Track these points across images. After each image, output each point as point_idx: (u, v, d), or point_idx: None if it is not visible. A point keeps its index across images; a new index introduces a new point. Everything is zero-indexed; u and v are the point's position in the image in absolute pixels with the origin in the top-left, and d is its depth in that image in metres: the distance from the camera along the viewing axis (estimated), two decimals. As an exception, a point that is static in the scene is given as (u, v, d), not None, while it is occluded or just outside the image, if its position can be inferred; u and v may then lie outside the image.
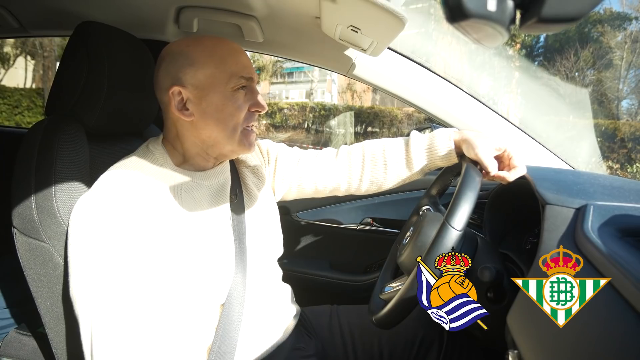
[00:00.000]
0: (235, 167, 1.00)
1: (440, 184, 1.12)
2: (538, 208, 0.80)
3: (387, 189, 1.07)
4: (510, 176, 0.89)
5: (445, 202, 1.03)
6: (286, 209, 1.74)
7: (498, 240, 1.10)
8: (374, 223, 1.71)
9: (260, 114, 0.89)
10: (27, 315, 1.19)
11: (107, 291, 0.68)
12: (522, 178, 0.90)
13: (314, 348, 1.04)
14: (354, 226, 1.72)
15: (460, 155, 0.96)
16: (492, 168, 0.87)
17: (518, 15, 0.34)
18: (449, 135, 0.97)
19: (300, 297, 1.12)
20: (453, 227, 0.73)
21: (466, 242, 0.84)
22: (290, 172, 1.07)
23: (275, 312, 0.97)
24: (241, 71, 0.83)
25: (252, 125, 0.88)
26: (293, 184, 1.08)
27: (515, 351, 0.67)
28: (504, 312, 0.73)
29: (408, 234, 0.98)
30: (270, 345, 0.92)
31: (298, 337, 1.01)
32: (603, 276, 0.56)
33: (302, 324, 1.07)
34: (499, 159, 0.91)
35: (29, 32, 1.56)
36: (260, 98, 0.88)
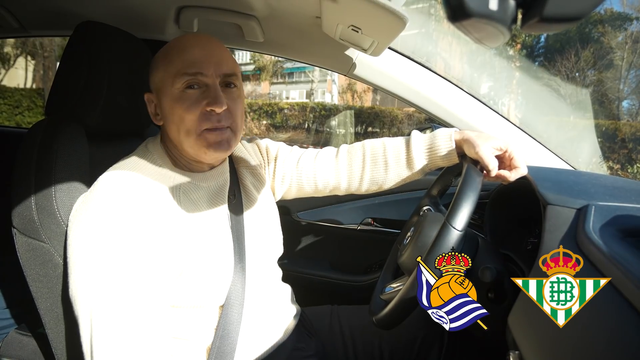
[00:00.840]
0: (234, 168, 0.99)
1: (441, 184, 1.12)
2: (539, 208, 0.80)
3: (387, 189, 1.06)
4: (511, 176, 0.89)
5: (445, 202, 1.03)
6: (286, 209, 1.73)
7: (499, 241, 1.10)
8: (375, 223, 1.71)
9: (217, 113, 0.79)
10: (27, 315, 1.19)
11: (106, 291, 0.68)
12: (523, 178, 0.90)
13: (315, 348, 1.04)
14: (354, 226, 1.71)
15: (461, 155, 0.96)
16: (493, 167, 0.87)
17: (519, 15, 0.34)
18: (450, 134, 0.96)
19: (300, 297, 1.12)
20: (454, 228, 0.73)
21: (467, 243, 0.84)
22: (290, 171, 1.07)
23: (276, 312, 0.97)
24: (185, 68, 0.78)
25: (217, 127, 0.80)
26: (293, 183, 1.08)
27: (517, 352, 0.67)
28: (505, 312, 0.73)
29: (409, 234, 0.98)
30: (271, 345, 0.92)
31: (298, 337, 1.01)
32: (604, 276, 0.56)
33: (303, 324, 1.07)
34: (500, 158, 0.90)
35: (29, 32, 1.56)
36: (216, 94, 0.78)
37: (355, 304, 1.21)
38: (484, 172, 0.88)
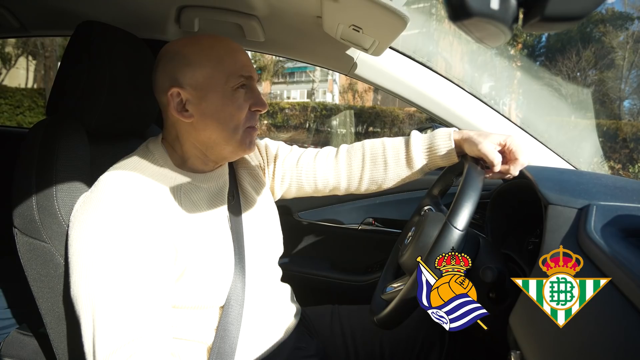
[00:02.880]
0: (233, 169, 0.99)
1: (442, 184, 1.12)
2: (540, 208, 0.80)
3: (387, 188, 1.06)
4: (513, 169, 0.89)
5: (446, 202, 1.03)
6: (288, 209, 1.73)
7: (500, 241, 1.10)
8: (376, 223, 1.71)
9: (261, 113, 0.88)
10: (28, 315, 1.19)
11: (107, 291, 0.68)
12: (525, 178, 0.90)
13: (315, 348, 1.04)
14: (355, 226, 1.71)
15: (462, 155, 0.96)
16: (498, 162, 0.87)
17: (521, 14, 0.34)
18: (449, 134, 0.96)
19: (301, 297, 1.12)
20: (455, 227, 0.73)
21: (468, 242, 0.84)
22: (290, 170, 1.07)
23: (276, 311, 0.97)
24: (240, 70, 0.82)
25: (253, 126, 0.87)
26: (293, 182, 1.08)
27: (518, 352, 0.67)
28: (506, 312, 0.72)
29: (410, 234, 0.98)
30: (271, 345, 0.92)
31: (299, 337, 1.01)
32: (605, 276, 0.56)
33: (303, 324, 1.07)
34: (501, 153, 0.90)
35: (30, 32, 1.57)
36: (260, 97, 0.87)
37: (356, 304, 1.21)
38: (487, 169, 0.88)
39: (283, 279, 1.06)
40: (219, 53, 0.82)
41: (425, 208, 1.11)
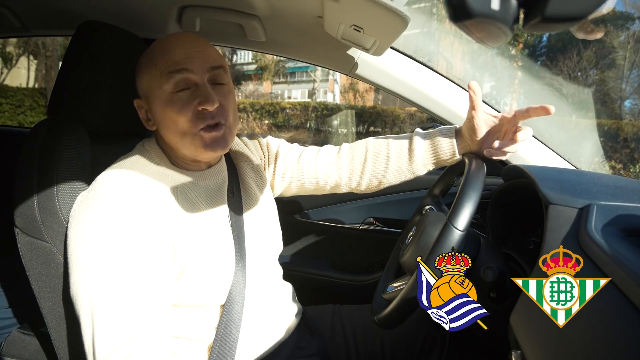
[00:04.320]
0: (233, 165, 0.99)
1: (443, 184, 1.12)
2: (541, 208, 0.80)
3: (387, 184, 1.06)
4: (533, 110, 0.88)
5: (447, 202, 1.03)
6: (289, 209, 1.73)
7: (501, 240, 1.10)
8: (377, 223, 1.71)
9: (209, 111, 0.77)
10: (29, 314, 1.19)
11: (106, 289, 0.68)
12: (525, 177, 0.90)
13: (316, 347, 1.04)
14: (356, 226, 1.71)
15: (463, 154, 0.97)
16: (500, 114, 0.92)
17: (521, 15, 0.34)
18: (452, 127, 1.00)
19: (302, 296, 1.12)
20: (456, 228, 0.73)
21: (469, 242, 0.84)
22: (292, 167, 1.07)
23: (277, 310, 0.97)
24: (170, 67, 0.76)
25: (212, 125, 0.79)
26: (294, 179, 1.08)
27: (518, 351, 0.67)
28: (506, 312, 0.72)
29: (411, 233, 0.98)
30: (272, 344, 0.92)
31: (300, 336, 1.01)
32: (606, 276, 0.56)
33: (304, 323, 1.07)
34: (506, 122, 0.93)
35: (31, 31, 1.57)
36: (206, 92, 0.77)
37: (357, 303, 1.21)
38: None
39: (284, 278, 1.06)
40: (153, 55, 0.79)
41: (426, 208, 1.11)
